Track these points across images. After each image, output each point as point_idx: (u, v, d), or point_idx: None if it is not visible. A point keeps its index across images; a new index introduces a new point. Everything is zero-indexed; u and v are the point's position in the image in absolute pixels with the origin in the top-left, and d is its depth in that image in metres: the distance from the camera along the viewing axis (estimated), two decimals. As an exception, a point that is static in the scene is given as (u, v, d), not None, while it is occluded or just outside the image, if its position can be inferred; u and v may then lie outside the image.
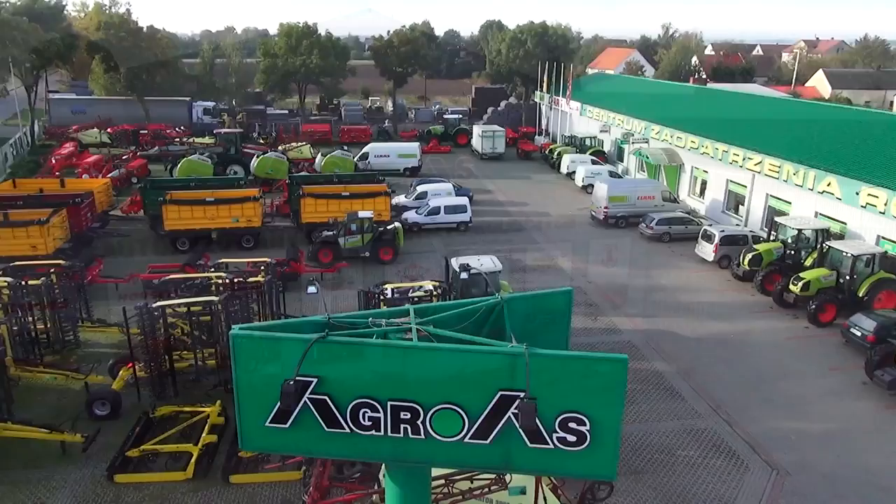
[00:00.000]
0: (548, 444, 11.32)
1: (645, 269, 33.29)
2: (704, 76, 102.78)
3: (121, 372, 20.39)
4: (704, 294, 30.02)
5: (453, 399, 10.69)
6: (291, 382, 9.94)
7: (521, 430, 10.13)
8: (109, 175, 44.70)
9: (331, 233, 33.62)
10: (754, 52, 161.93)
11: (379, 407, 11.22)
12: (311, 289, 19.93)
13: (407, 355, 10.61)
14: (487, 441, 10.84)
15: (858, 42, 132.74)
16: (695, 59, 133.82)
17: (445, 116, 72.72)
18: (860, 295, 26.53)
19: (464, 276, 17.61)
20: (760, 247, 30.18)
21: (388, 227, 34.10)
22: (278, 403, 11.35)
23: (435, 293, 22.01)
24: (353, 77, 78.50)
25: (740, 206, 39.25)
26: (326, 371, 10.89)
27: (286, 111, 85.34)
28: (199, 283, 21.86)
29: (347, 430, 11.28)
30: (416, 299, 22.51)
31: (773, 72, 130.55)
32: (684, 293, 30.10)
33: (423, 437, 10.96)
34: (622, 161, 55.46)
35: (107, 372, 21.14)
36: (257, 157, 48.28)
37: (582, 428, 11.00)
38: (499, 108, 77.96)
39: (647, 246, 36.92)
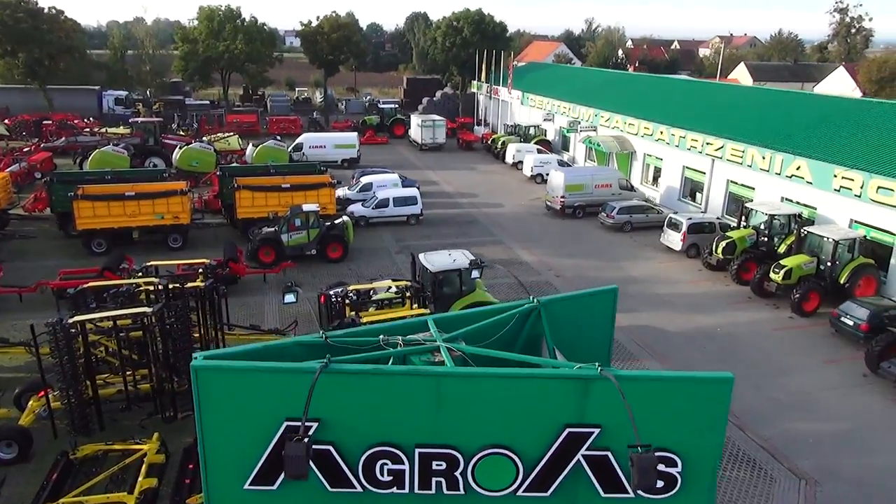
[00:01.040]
0: (627, 492, 8.69)
1: (612, 260, 31.53)
2: (633, 68, 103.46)
3: (30, 403, 16.63)
4: (679, 285, 28.46)
5: (503, 441, 8.08)
6: (301, 440, 7.04)
7: (634, 491, 7.58)
8: (8, 170, 39.36)
9: (272, 229, 30.17)
10: (672, 47, 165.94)
11: (403, 456, 8.41)
12: (290, 297, 16.70)
13: (441, 385, 7.92)
14: (547, 493, 8.24)
15: (772, 37, 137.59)
16: (621, 52, 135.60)
17: (381, 106, 69.55)
18: (841, 282, 25.51)
19: (475, 274, 14.86)
20: (734, 234, 28.87)
21: (337, 222, 30.97)
22: (262, 461, 8.43)
23: (407, 294, 19.19)
24: (279, 65, 74.09)
25: (697, 193, 38.19)
26: (330, 412, 8.04)
27: (207, 101, 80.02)
28: (126, 292, 18.26)
29: (359, 489, 8.41)
30: (385, 302, 19.66)
31: (694, 65, 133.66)
32: (659, 285, 28.44)
33: (462, 492, 8.35)
34: (568, 150, 54.01)
35: (11, 403, 17.29)
36: (180, 148, 43.89)
37: (672, 470, 8.49)
38: (434, 99, 75.38)
39: (608, 236, 35.24)
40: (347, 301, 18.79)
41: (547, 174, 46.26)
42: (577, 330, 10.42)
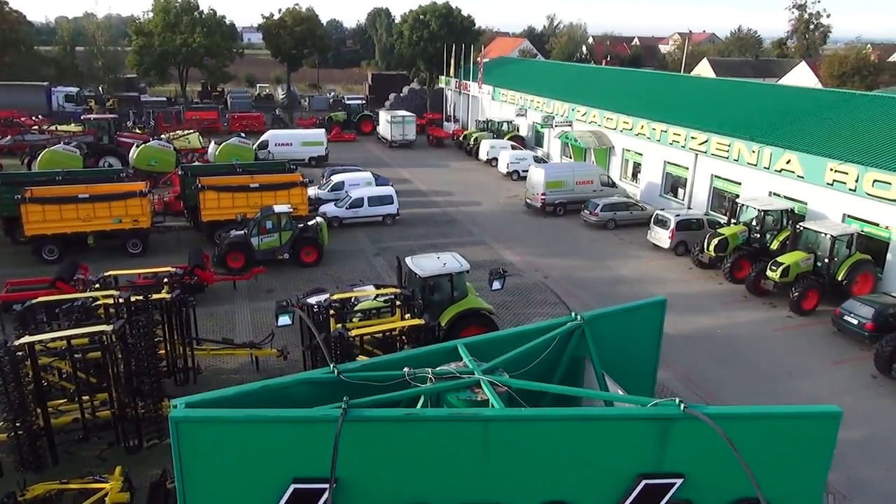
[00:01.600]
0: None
1: (599, 259, 30.34)
2: (605, 62, 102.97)
3: (-31, 437, 14.53)
4: (671, 285, 27.36)
5: (564, 497, 6.59)
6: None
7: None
8: (-53, 171, 36.39)
9: (240, 232, 28.18)
10: (633, 44, 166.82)
11: (443, 521, 6.52)
12: (284, 319, 14.75)
13: (489, 431, 6.35)
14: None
15: (732, 34, 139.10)
16: (584, 48, 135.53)
17: (347, 102, 67.45)
18: (839, 279, 24.71)
19: (496, 286, 13.21)
20: (725, 231, 27.92)
21: (310, 224, 29.10)
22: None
23: (397, 302, 17.54)
24: (240, 60, 71.35)
25: (679, 189, 37.31)
26: (351, 468, 6.28)
27: (164, 98, 76.78)
28: (82, 306, 16.22)
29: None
30: (373, 311, 17.99)
31: (657, 61, 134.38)
32: (650, 285, 27.30)
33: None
34: (542, 146, 52.85)
35: (-52, 437, 15.14)
36: (137, 146, 41.31)
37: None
38: (402, 94, 73.54)
39: (593, 234, 34.07)
40: (332, 311, 17.03)
41: (523, 171, 45.09)
42: (622, 348, 9.00)
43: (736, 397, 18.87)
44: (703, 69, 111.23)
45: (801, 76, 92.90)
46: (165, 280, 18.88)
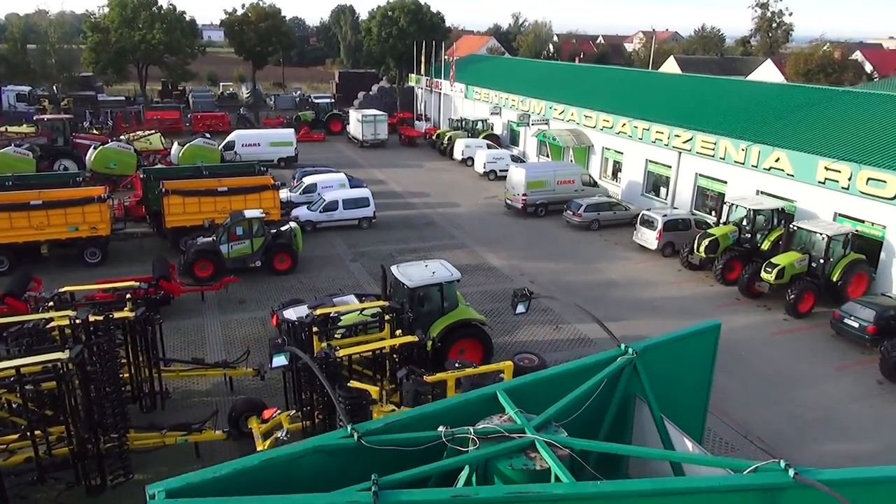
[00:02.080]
0: None
1: (585, 261, 29.31)
2: (578, 60, 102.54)
3: None
4: (662, 288, 26.45)
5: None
6: None
7: None
8: None
9: (208, 239, 26.41)
10: (597, 42, 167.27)
11: None
12: (279, 359, 12.95)
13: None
14: None
15: (696, 32, 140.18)
16: (551, 47, 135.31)
17: (316, 102, 65.48)
18: (834, 279, 24.06)
19: (521, 309, 11.80)
20: (716, 231, 27.12)
21: (283, 229, 27.47)
22: None
23: (386, 316, 16.13)
24: (201, 58, 68.81)
25: (662, 188, 36.55)
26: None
27: (122, 97, 73.76)
28: (34, 328, 14.47)
29: None
30: (360, 326, 16.55)
31: (623, 59, 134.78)
32: (640, 288, 26.35)
33: None
34: (517, 144, 51.80)
35: None
36: (95, 148, 39.04)
37: None
38: (371, 93, 71.83)
39: (576, 235, 33.04)
40: (315, 328, 15.53)
41: (501, 171, 44.05)
42: (674, 381, 7.79)
43: (745, 410, 17.92)
44: (670, 67, 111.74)
45: (767, 74, 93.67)
46: (128, 296, 17.15)
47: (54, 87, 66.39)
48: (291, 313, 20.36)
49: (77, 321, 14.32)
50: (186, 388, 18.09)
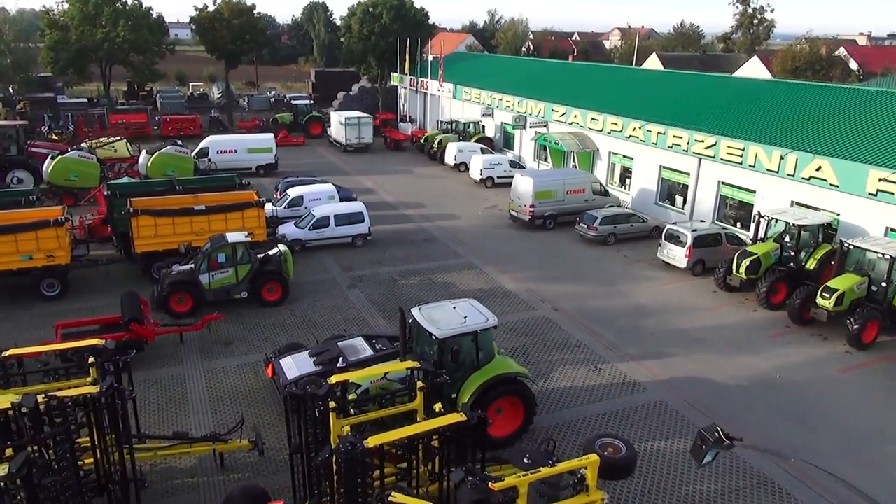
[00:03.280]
0: None
1: (609, 283, 26.42)
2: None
3: None
4: (700, 315, 23.65)
5: None
6: None
7: None
8: None
9: (186, 267, 22.95)
10: (573, 39, 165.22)
11: None
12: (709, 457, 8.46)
13: None
14: None
15: (675, 29, 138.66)
16: (530, 44, 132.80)
17: (294, 103, 61.76)
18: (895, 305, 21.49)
19: (708, 459, 8.32)
20: (757, 249, 24.38)
21: (271, 253, 24.10)
22: None
23: (419, 383, 12.91)
24: (169, 57, 64.49)
25: (678, 197, 33.86)
26: None
27: (84, 99, 69.16)
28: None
29: None
30: (386, 397, 13.32)
31: (603, 56, 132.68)
32: (676, 315, 23.52)
33: None
34: (511, 147, 48.84)
35: None
36: (52, 158, 35.10)
37: None
38: (352, 93, 68.29)
39: (592, 251, 30.15)
40: (333, 404, 12.25)
41: (498, 177, 41.12)
42: None
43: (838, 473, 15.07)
44: (653, 64, 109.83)
45: (753, 71, 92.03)
46: (89, 357, 13.68)
47: (11, 89, 61.69)
48: (290, 364, 17.21)
49: (23, 409, 10.89)
50: (167, 465, 14.72)
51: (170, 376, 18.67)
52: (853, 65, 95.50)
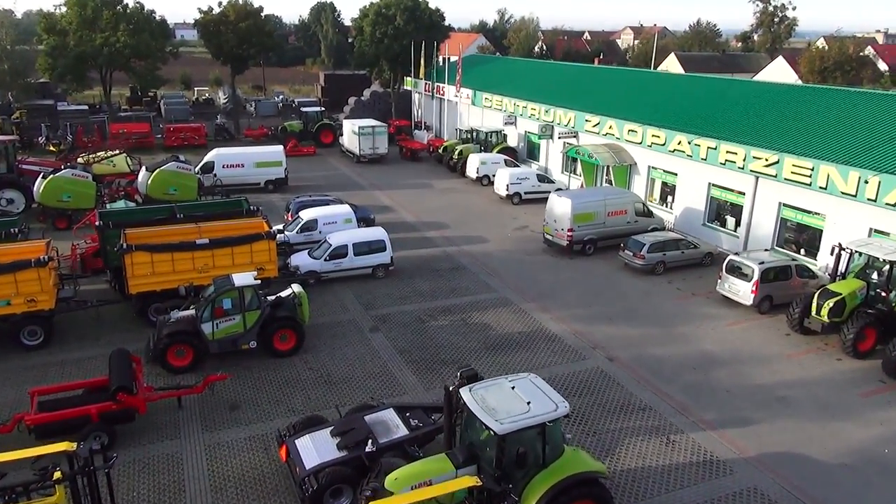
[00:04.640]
0: None
1: (665, 323, 23.28)
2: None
3: None
4: (777, 366, 20.49)
5: None
6: None
7: None
8: None
9: (186, 313, 19.97)
10: (584, 38, 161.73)
11: None
12: None
13: None
14: None
15: (691, 27, 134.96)
16: (543, 44, 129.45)
17: (304, 109, 58.77)
18: None
19: None
20: (841, 288, 21.22)
21: (284, 295, 21.08)
22: None
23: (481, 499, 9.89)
24: (174, 60, 61.55)
25: (728, 218, 30.69)
26: None
27: (85, 106, 66.48)
28: None
29: None
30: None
31: (617, 56, 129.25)
32: (750, 366, 20.38)
33: None
34: (536, 159, 45.73)
35: None
36: (44, 177, 32.23)
37: None
38: (363, 98, 65.25)
39: (640, 282, 27.02)
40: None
41: (526, 193, 38.07)
42: None
43: None
44: (671, 64, 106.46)
45: (779, 72, 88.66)
46: (58, 472, 10.70)
47: (9, 95, 58.96)
48: (308, 447, 14.30)
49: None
50: None
51: (164, 455, 15.67)
52: (882, 65, 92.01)
